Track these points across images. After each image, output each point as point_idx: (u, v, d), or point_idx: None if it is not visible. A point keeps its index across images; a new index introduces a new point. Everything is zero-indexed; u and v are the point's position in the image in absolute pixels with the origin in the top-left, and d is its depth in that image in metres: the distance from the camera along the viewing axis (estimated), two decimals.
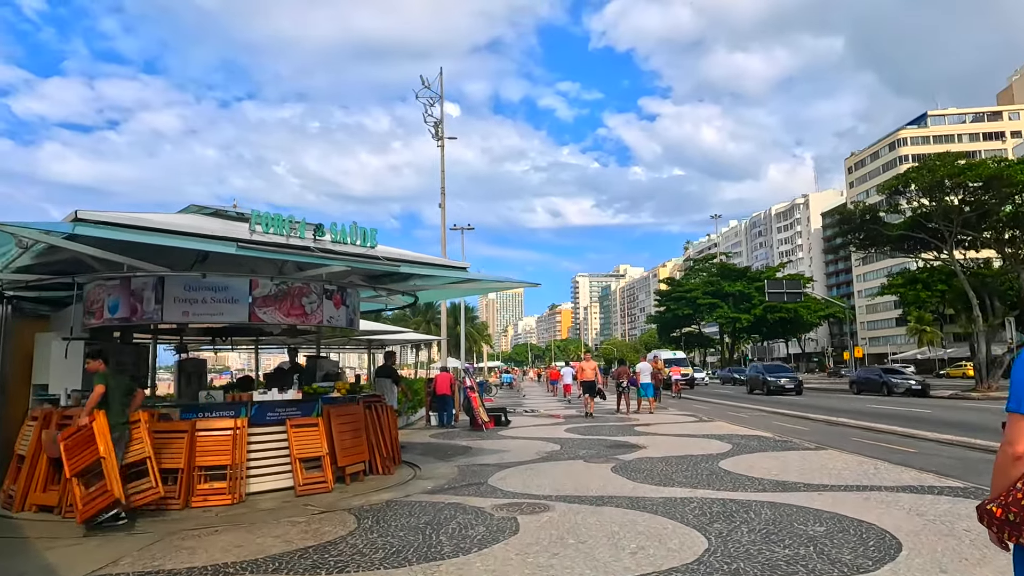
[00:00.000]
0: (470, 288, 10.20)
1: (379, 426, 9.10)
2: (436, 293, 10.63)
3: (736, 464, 9.13)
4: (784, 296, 41.48)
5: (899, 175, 30.77)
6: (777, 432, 13.56)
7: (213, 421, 7.43)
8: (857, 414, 18.98)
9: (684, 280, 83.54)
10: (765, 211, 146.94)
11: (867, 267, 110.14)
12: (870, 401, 25.49)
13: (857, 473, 8.17)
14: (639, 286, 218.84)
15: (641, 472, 8.64)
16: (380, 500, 7.26)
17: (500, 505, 6.76)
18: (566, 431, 14.37)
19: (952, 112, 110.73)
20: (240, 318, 7.84)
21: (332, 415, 8.32)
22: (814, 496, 6.84)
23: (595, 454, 10.53)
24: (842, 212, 34.70)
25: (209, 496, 7.09)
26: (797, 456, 9.78)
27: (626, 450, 10.93)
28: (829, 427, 15.54)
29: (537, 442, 12.36)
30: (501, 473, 8.85)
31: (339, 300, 8.74)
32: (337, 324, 8.68)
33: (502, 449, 11.48)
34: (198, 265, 8.16)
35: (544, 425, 16.05)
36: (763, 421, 17.23)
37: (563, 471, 8.90)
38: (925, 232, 31.84)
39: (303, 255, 7.21)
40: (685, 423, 16.01)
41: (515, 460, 10.05)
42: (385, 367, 12.91)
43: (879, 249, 36.38)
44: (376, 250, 8.04)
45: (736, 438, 12.27)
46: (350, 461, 8.38)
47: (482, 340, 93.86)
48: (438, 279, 9.50)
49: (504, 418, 16.41)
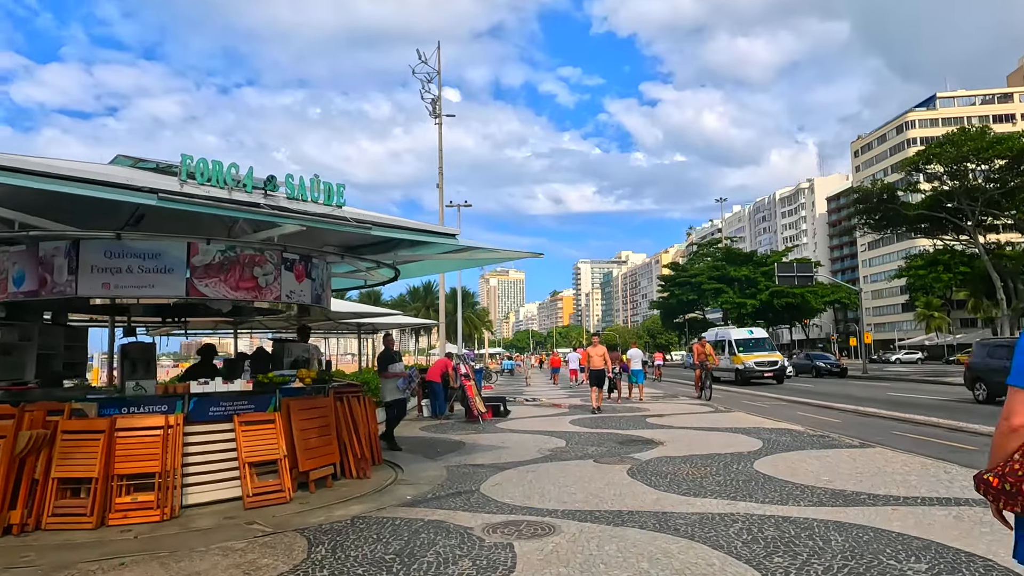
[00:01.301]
0: (462, 260, 8.76)
1: (352, 421, 7.70)
2: (422, 267, 9.18)
3: (775, 466, 7.73)
4: (795, 280, 39.87)
5: (921, 151, 29.17)
6: (808, 425, 12.16)
7: (139, 418, 6.02)
8: (882, 403, 17.56)
9: (689, 265, 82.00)
10: (769, 196, 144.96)
11: (873, 252, 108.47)
12: (849, 386, 24.08)
13: (927, 479, 6.76)
14: (641, 272, 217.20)
15: (664, 477, 7.24)
16: (346, 515, 5.87)
17: (493, 525, 5.36)
18: (571, 423, 12.99)
19: (962, 94, 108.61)
20: (175, 292, 6.41)
21: (293, 410, 6.91)
22: (889, 513, 5.43)
23: (606, 452, 9.13)
24: (859, 191, 33.04)
25: (131, 512, 5.70)
26: (844, 456, 8.37)
27: (641, 447, 9.53)
28: (862, 418, 14.14)
29: (539, 436, 10.98)
30: (496, 477, 7.46)
31: (302, 272, 7.29)
32: (299, 300, 7.25)
33: (499, 445, 10.10)
34: (131, 230, 6.72)
35: (546, 416, 14.67)
36: (786, 411, 15.84)
37: (570, 475, 7.50)
38: (946, 212, 30.32)
39: (247, 211, 5.76)
40: (701, 414, 14.62)
41: (514, 459, 8.66)
42: (385, 353, 10.77)
43: (895, 230, 34.84)
44: (344, 210, 6.62)
45: (764, 432, 10.87)
46: (315, 464, 6.98)
47: (483, 326, 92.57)
48: (423, 248, 8.07)
49: (503, 408, 15.04)
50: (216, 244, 6.43)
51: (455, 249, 7.87)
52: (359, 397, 8.11)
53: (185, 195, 5.39)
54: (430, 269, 9.66)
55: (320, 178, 6.60)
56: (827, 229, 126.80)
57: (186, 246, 6.37)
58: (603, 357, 15.42)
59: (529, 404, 18.34)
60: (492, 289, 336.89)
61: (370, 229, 6.44)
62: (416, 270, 9.45)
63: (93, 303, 7.74)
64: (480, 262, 10.04)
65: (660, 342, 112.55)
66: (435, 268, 9.58)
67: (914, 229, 34.60)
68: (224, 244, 6.55)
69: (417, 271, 9.57)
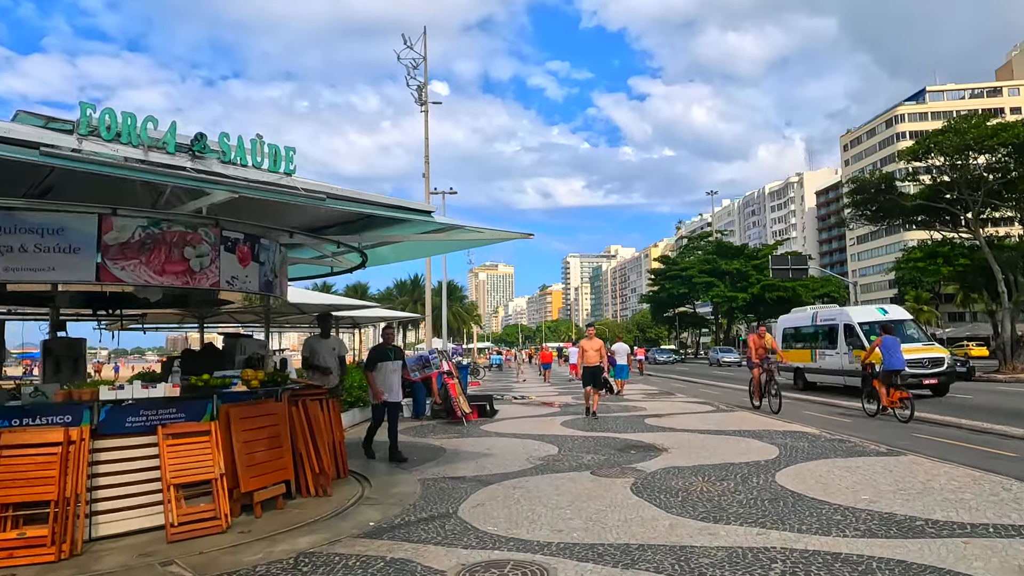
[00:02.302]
0: (440, 243, 7.61)
1: (309, 430, 6.57)
2: (397, 252, 8.01)
3: (801, 480, 6.69)
4: (789, 273, 39.03)
5: (921, 139, 28.27)
6: (820, 426, 11.16)
7: (32, 432, 4.86)
8: None
9: (679, 258, 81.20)
10: (758, 190, 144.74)
11: (862, 246, 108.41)
12: None
13: (987, 500, 5.73)
14: (630, 266, 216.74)
15: (675, 495, 6.17)
16: (291, 551, 4.75)
17: (471, 567, 4.27)
18: (563, 425, 11.91)
19: (951, 88, 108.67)
20: (82, 276, 5.23)
21: (234, 418, 5.77)
22: (962, 549, 4.39)
23: (604, 461, 8.06)
24: (856, 181, 32.15)
25: (19, 551, 4.54)
26: (877, 466, 7.34)
27: (643, 454, 8.47)
28: (875, 418, 13.17)
29: (529, 441, 9.90)
30: (478, 495, 6.37)
31: (247, 254, 6.14)
32: (244, 288, 6.10)
33: (484, 452, 9.00)
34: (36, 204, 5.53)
35: (537, 417, 13.59)
36: (790, 410, 14.84)
37: (565, 492, 6.42)
38: (945, 203, 29.52)
39: (164, 175, 4.60)
40: (702, 413, 13.61)
41: (499, 471, 7.57)
42: (375, 349, 8.93)
43: (891, 222, 34.03)
44: (293, 179, 5.48)
45: (776, 436, 9.86)
46: (261, 483, 5.85)
47: (471, 320, 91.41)
48: (395, 228, 6.94)
49: (489, 407, 13.94)
50: (131, 218, 5.25)
51: (432, 229, 6.75)
52: (321, 401, 6.97)
53: (81, 154, 4.23)
54: (405, 254, 8.48)
55: (264, 139, 5.46)
56: (816, 223, 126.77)
57: (96, 220, 5.20)
58: (599, 352, 13.25)
59: (518, 403, 17.27)
60: (481, 283, 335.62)
61: (323, 201, 5.29)
62: (389, 255, 8.30)
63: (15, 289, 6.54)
64: (462, 244, 8.85)
65: (650, 336, 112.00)
66: (411, 253, 8.39)
67: (910, 221, 33.75)
68: (144, 219, 5.37)
69: (391, 256, 8.43)
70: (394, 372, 8.56)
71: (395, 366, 8.58)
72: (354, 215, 6.71)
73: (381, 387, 8.42)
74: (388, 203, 5.98)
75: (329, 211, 6.68)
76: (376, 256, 8.35)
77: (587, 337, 13.77)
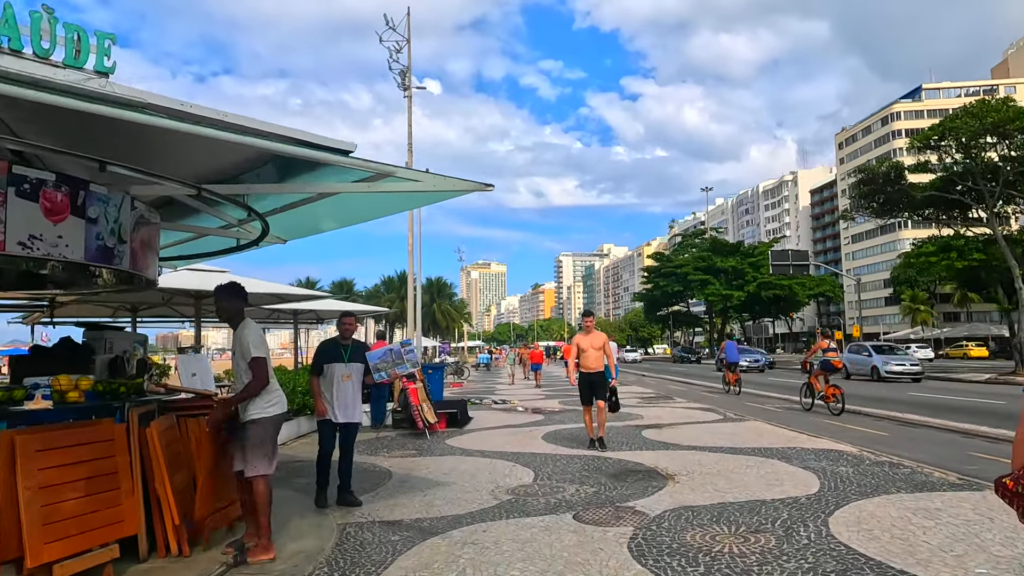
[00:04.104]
0: (370, 199, 5.53)
1: (158, 464, 4.55)
2: (312, 216, 5.96)
3: (866, 531, 4.74)
4: (790, 269, 37.41)
5: (934, 125, 26.49)
6: (853, 441, 9.25)
7: None
8: (912, 407, 14.80)
9: (674, 255, 79.45)
10: (752, 188, 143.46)
11: (856, 245, 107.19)
12: (853, 384, 21.41)
13: None
14: (623, 265, 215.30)
15: (694, 560, 4.20)
16: None
17: None
18: (546, 439, 9.95)
19: (947, 86, 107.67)
20: None
21: (24, 452, 3.76)
22: None
23: (593, 495, 6.10)
24: (864, 170, 30.36)
25: None
26: (964, 507, 5.40)
27: (644, 484, 6.52)
28: (909, 429, 11.30)
29: (499, 463, 7.93)
30: (410, 557, 4.39)
31: (64, 204, 4.12)
32: (56, 256, 4.08)
33: (439, 479, 7.03)
34: None
35: (514, 428, 11.61)
36: (806, 419, 12.98)
37: (535, 553, 4.45)
38: (958, 194, 27.78)
39: None
40: (708, 423, 11.68)
41: (451, 511, 5.61)
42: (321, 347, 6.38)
43: (898, 215, 32.29)
44: (111, 84, 3.52)
45: (807, 456, 7.93)
46: (69, 549, 3.83)
47: (461, 318, 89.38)
48: (299, 178, 4.95)
49: (461, 416, 11.96)
50: None
51: (357, 179, 4.76)
52: (187, 422, 4.95)
53: None
54: (331, 219, 6.37)
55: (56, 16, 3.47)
56: (811, 222, 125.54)
57: None
58: (602, 351, 8.93)
59: (498, 408, 15.30)
60: (474, 282, 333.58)
61: (143, 112, 3.30)
62: (305, 223, 6.29)
63: None
64: (406, 202, 6.52)
65: (643, 335, 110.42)
66: (332, 216, 6.22)
67: (917, 214, 31.99)
68: None
69: (313, 223, 6.40)
70: (348, 379, 6.04)
71: (351, 370, 6.10)
72: (254, 157, 4.74)
73: (328, 399, 6.00)
74: (272, 131, 3.99)
75: (214, 152, 4.72)
76: (295, 224, 6.35)
77: (583, 331, 9.21)
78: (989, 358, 50.68)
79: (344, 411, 6.04)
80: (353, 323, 6.51)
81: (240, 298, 4.77)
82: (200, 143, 4.14)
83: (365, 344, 7.00)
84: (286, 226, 6.47)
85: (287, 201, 5.69)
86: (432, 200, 5.44)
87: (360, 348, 6.47)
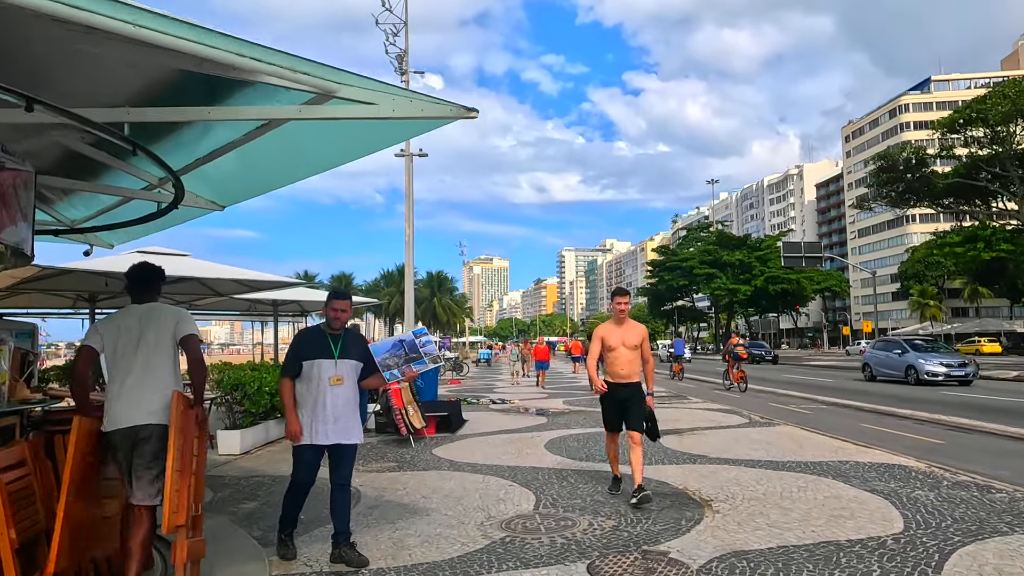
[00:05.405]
0: (318, 135, 4.07)
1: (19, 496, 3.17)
2: (242, 162, 4.46)
3: None
4: (803, 261, 35.83)
5: (961, 108, 24.98)
6: (908, 451, 7.87)
7: None
8: (949, 407, 13.39)
9: (679, 249, 78.00)
10: (757, 183, 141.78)
11: (863, 239, 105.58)
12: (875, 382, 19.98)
13: None
14: (626, 260, 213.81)
15: None
16: None
17: None
18: (549, 448, 8.56)
19: (957, 77, 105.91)
20: None
21: None
22: None
23: (611, 534, 4.71)
24: (884, 156, 28.87)
25: None
26: None
27: (674, 513, 5.13)
28: (961, 435, 9.90)
29: (493, 480, 6.55)
30: None
31: None
32: None
33: (417, 505, 5.65)
34: None
35: (513, 433, 10.23)
36: (839, 421, 11.61)
37: None
38: (985, 182, 26.29)
39: None
40: (733, 427, 10.28)
41: (427, 557, 4.23)
42: (312, 334, 4.64)
43: (919, 204, 30.79)
44: None
45: (868, 473, 6.54)
46: None
47: (462, 313, 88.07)
48: (228, 102, 3.55)
49: (453, 419, 10.58)
50: None
51: (292, 104, 3.37)
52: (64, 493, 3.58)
53: None
54: (266, 169, 4.88)
55: None
56: (816, 216, 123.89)
57: None
58: (639, 351, 5.86)
59: (495, 408, 13.93)
60: (476, 277, 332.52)
61: None
62: (239, 177, 4.88)
63: None
64: (365, 141, 4.34)
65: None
66: (272, 165, 4.73)
67: (938, 203, 30.50)
68: None
69: (242, 178, 4.98)
70: (339, 382, 4.23)
71: (345, 369, 4.29)
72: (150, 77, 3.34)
73: (307, 415, 4.20)
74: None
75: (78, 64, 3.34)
76: (227, 179, 4.96)
77: (614, 318, 6.01)
78: (1002, 354, 49.29)
79: (336, 428, 4.20)
80: (346, 308, 4.40)
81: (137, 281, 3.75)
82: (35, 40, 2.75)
83: (362, 336, 4.98)
84: (218, 184, 5.08)
85: (207, 147, 4.31)
86: (404, 135, 4.03)
87: (357, 340, 4.54)
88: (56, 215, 6.45)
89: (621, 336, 5.82)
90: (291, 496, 4.35)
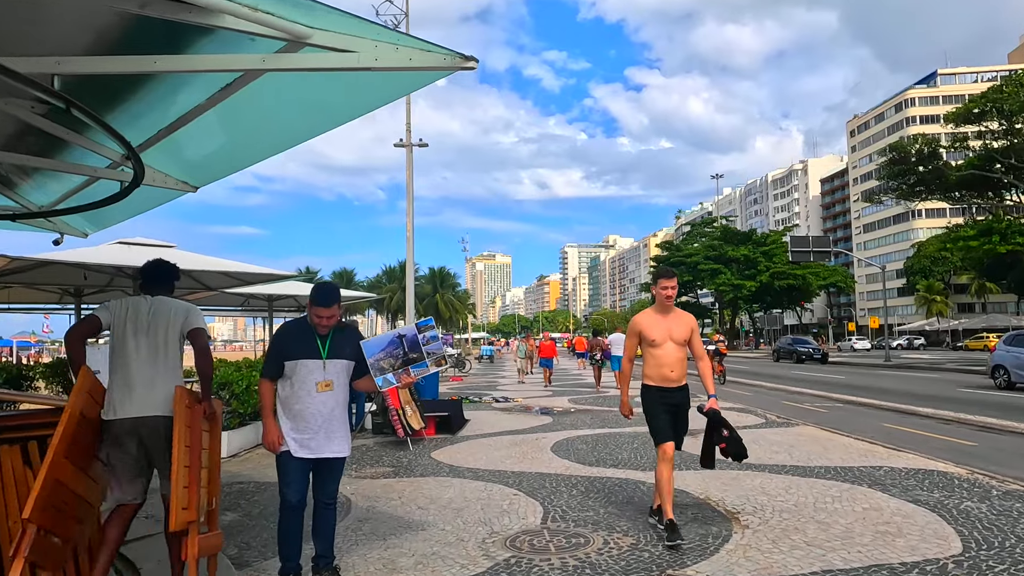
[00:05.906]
0: (294, 94, 3.49)
1: None
2: (212, 135, 3.92)
3: None
4: (811, 256, 35.21)
5: (976, 97, 24.32)
6: (942, 455, 7.31)
7: None
8: (969, 405, 12.80)
9: (683, 244, 77.34)
10: (761, 178, 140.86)
11: (868, 235, 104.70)
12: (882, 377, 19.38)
13: None
14: (629, 256, 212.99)
15: None
16: None
17: None
18: (555, 451, 8.01)
19: (963, 71, 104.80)
20: None
21: None
22: None
23: (629, 554, 4.17)
24: (896, 148, 28.21)
25: None
26: None
27: (699, 529, 4.59)
28: (995, 436, 9.33)
29: (496, 488, 6.01)
30: None
31: None
32: None
33: (412, 518, 5.11)
34: None
35: (519, 434, 9.68)
36: (858, 420, 11.06)
37: None
38: (999, 173, 25.64)
39: None
40: (750, 428, 9.68)
41: None
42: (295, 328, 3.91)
43: (931, 196, 30.15)
44: None
45: (907, 480, 5.98)
46: None
47: (464, 310, 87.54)
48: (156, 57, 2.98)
49: (454, 419, 10.04)
50: None
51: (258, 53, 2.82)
52: (56, 444, 3.10)
53: None
54: (243, 142, 4.33)
55: None
56: (820, 211, 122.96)
57: None
58: (685, 347, 4.70)
59: (498, 407, 13.39)
60: (479, 274, 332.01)
61: None
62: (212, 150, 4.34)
63: None
64: (352, 99, 3.20)
65: None
66: (255, 134, 4.11)
67: (949, 196, 29.85)
68: None
69: (216, 152, 4.44)
70: (327, 388, 3.64)
71: (333, 372, 3.69)
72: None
73: (288, 423, 3.64)
74: None
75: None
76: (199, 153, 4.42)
77: (657, 305, 4.72)
78: None
79: (321, 440, 3.62)
80: (333, 315, 3.69)
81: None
82: None
83: (358, 332, 4.07)
84: (187, 161, 4.54)
85: (171, 116, 3.76)
86: (392, 93, 3.41)
87: (350, 336, 3.83)
88: (20, 199, 5.93)
89: (668, 328, 4.55)
90: (283, 526, 3.65)
